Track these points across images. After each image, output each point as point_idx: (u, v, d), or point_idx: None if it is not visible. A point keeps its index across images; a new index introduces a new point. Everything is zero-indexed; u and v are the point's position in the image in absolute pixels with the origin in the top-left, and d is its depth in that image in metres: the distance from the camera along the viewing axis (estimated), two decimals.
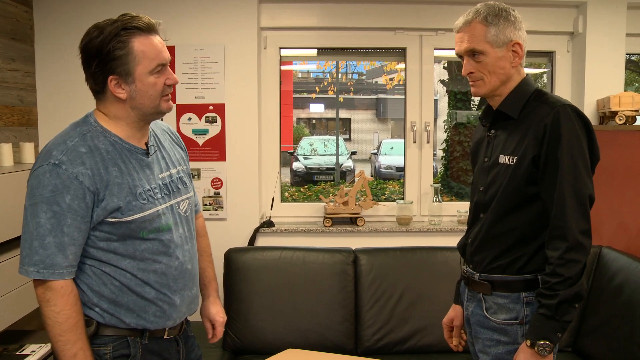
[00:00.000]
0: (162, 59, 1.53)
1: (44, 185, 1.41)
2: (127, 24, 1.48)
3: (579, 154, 1.55)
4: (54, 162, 1.42)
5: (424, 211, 3.43)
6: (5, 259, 2.36)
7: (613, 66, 3.20)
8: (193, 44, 3.15)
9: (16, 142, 2.90)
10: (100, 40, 1.47)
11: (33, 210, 1.42)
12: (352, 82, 15.99)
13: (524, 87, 1.70)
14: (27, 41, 3.09)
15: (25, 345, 2.66)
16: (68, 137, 1.48)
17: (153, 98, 1.53)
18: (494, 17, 1.64)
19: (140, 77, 1.49)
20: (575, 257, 1.51)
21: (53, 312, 1.43)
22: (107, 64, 1.47)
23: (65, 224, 1.42)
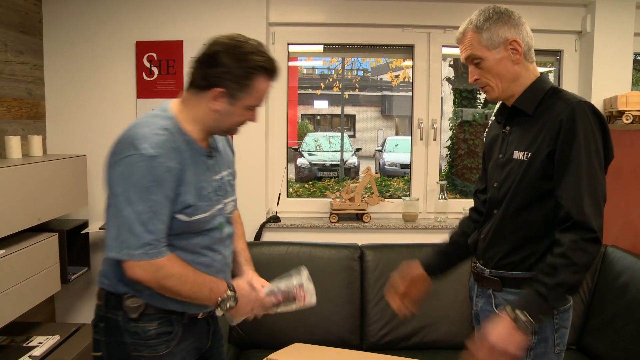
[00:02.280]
0: (261, 103, 1.64)
1: (141, 175, 1.46)
2: (266, 65, 1.57)
3: (594, 152, 1.54)
4: (149, 154, 1.47)
5: (429, 208, 3.44)
6: (13, 251, 2.37)
7: (621, 66, 3.20)
8: (202, 39, 3.12)
9: (24, 135, 2.91)
10: (236, 58, 1.54)
11: (129, 198, 1.46)
12: (357, 78, 15.96)
13: (539, 84, 1.70)
14: (36, 34, 3.10)
15: (32, 337, 2.68)
16: (153, 129, 1.52)
17: (232, 123, 1.65)
18: (484, 22, 1.66)
19: (239, 106, 1.59)
20: (589, 248, 1.50)
21: (175, 280, 1.53)
22: (227, 79, 1.54)
23: (160, 211, 1.50)
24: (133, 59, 3.17)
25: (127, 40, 3.17)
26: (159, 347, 1.61)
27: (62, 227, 2.82)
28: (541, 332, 1.63)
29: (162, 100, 3.13)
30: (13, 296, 2.35)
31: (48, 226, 2.75)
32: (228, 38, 1.58)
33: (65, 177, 2.81)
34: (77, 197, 2.93)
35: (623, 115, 2.95)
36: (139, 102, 3.18)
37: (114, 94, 3.20)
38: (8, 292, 2.31)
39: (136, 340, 1.60)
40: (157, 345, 1.61)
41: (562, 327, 1.65)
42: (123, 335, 1.61)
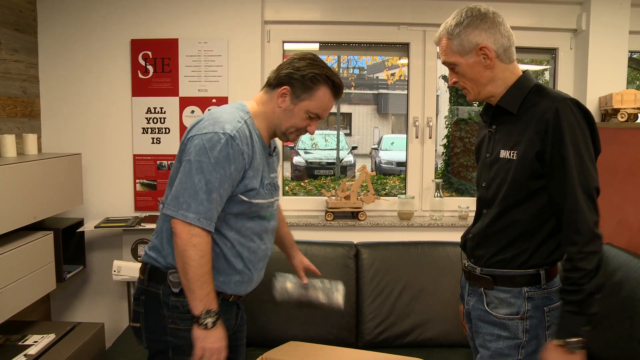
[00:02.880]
0: (320, 114, 1.81)
1: (219, 150, 1.65)
2: (332, 78, 1.78)
3: (584, 148, 1.55)
4: (230, 134, 1.67)
5: (425, 206, 3.44)
6: (8, 249, 2.36)
7: (616, 64, 3.20)
8: (197, 37, 3.15)
9: (19, 134, 2.90)
10: (308, 64, 1.77)
11: (202, 167, 1.64)
12: (353, 77, 15.95)
13: (522, 82, 1.69)
14: (31, 32, 3.09)
15: (27, 336, 2.67)
16: (235, 117, 1.73)
17: (290, 125, 1.82)
18: (455, 27, 1.67)
19: (300, 108, 1.79)
20: (593, 248, 1.51)
21: (198, 255, 1.64)
22: (295, 78, 1.76)
23: (223, 187, 1.67)
24: (128, 57, 3.17)
25: (122, 38, 3.16)
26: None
27: (58, 225, 2.81)
28: (532, 329, 1.65)
29: (158, 99, 3.15)
30: (8, 295, 2.35)
31: (43, 225, 2.74)
32: (309, 54, 1.81)
33: (61, 175, 2.80)
34: (73, 195, 2.92)
35: (618, 113, 2.96)
36: (134, 101, 3.18)
37: (109, 92, 3.19)
38: (3, 291, 2.31)
39: (174, 313, 1.73)
40: (191, 320, 1.69)
41: (553, 324, 1.66)
42: (162, 308, 1.74)
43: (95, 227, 2.95)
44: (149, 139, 3.20)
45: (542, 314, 1.66)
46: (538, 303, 1.65)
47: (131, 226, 2.93)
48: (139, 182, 3.23)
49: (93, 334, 2.76)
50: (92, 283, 3.28)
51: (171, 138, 3.19)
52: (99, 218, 3.15)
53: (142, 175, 3.23)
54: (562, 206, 1.56)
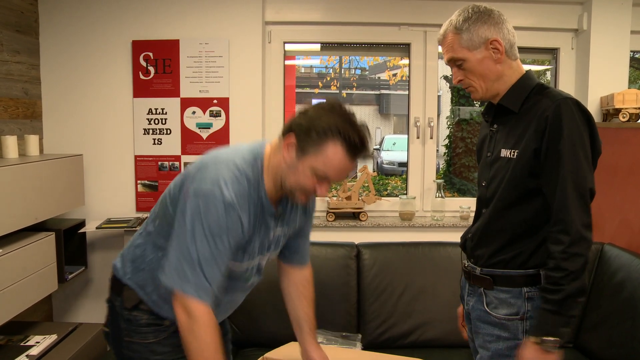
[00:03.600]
0: (329, 175, 1.51)
1: (216, 218, 1.45)
2: (348, 134, 1.46)
3: (580, 147, 1.54)
4: (228, 201, 1.46)
5: (426, 206, 3.44)
6: (10, 250, 2.37)
7: (617, 63, 3.20)
8: (198, 38, 3.16)
9: (21, 135, 2.91)
10: (321, 114, 1.49)
11: (198, 236, 1.45)
12: (355, 77, 15.95)
13: (525, 81, 1.68)
14: (32, 34, 3.10)
15: (29, 337, 2.68)
16: (238, 174, 1.50)
17: (296, 185, 1.54)
18: (463, 22, 1.65)
19: (305, 164, 1.50)
20: (579, 250, 1.50)
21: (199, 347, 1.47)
22: (302, 128, 1.49)
23: (223, 259, 1.49)
24: (129, 58, 3.17)
25: (123, 40, 3.17)
26: (148, 335, 1.66)
27: (59, 226, 2.82)
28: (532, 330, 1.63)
29: (159, 100, 3.16)
30: (10, 295, 2.35)
31: (45, 226, 2.74)
32: (333, 101, 1.53)
33: (62, 176, 2.81)
34: (74, 196, 2.93)
35: (619, 113, 2.96)
36: (136, 101, 3.18)
37: (110, 94, 3.20)
38: (5, 292, 2.31)
39: (129, 326, 1.66)
40: (147, 333, 1.66)
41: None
42: (119, 319, 1.68)
43: (96, 228, 2.95)
44: (150, 140, 3.21)
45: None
46: (538, 303, 1.62)
47: (132, 227, 2.94)
48: (140, 183, 3.24)
49: (95, 334, 2.77)
50: (94, 284, 3.29)
51: (172, 139, 3.20)
52: (101, 219, 3.15)
53: (143, 176, 3.23)
54: (552, 204, 1.55)
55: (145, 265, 1.64)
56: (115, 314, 1.69)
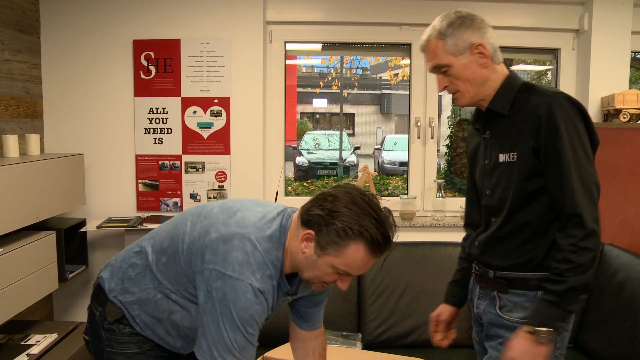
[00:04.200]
0: (354, 273, 1.45)
1: (245, 307, 1.40)
2: (372, 234, 1.36)
3: (579, 143, 1.53)
4: (258, 289, 1.41)
5: (427, 206, 3.44)
6: (11, 249, 2.37)
7: (618, 64, 3.20)
8: (199, 38, 3.16)
9: (22, 134, 2.91)
10: (348, 209, 1.38)
11: (229, 322, 1.40)
12: (356, 77, 15.97)
13: (510, 82, 1.67)
14: (33, 33, 3.10)
15: (30, 335, 2.68)
16: (268, 258, 1.45)
17: (315, 279, 1.48)
18: (447, 28, 1.63)
19: (325, 261, 1.42)
20: (589, 245, 1.49)
21: None
22: (322, 226, 1.40)
23: (254, 341, 1.45)
24: (130, 57, 3.18)
25: (124, 39, 3.17)
26: (130, 346, 1.62)
27: (60, 225, 2.82)
28: None
29: (160, 99, 3.16)
30: (11, 294, 2.36)
31: (46, 225, 2.75)
32: (358, 191, 1.43)
33: (63, 175, 2.81)
34: (75, 195, 2.93)
35: (620, 114, 2.96)
36: (137, 101, 3.18)
37: (111, 93, 3.20)
38: (6, 290, 2.32)
39: (110, 336, 1.62)
40: (129, 344, 1.62)
41: (564, 330, 1.60)
42: (99, 329, 1.63)
43: (97, 227, 2.96)
44: (151, 139, 3.21)
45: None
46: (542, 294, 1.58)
47: (133, 226, 2.94)
48: (141, 182, 3.24)
49: None
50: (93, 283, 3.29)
51: (173, 138, 3.20)
52: (101, 218, 3.16)
53: (144, 175, 3.23)
54: (561, 202, 1.53)
55: (137, 290, 1.59)
56: (95, 324, 1.64)
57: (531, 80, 14.28)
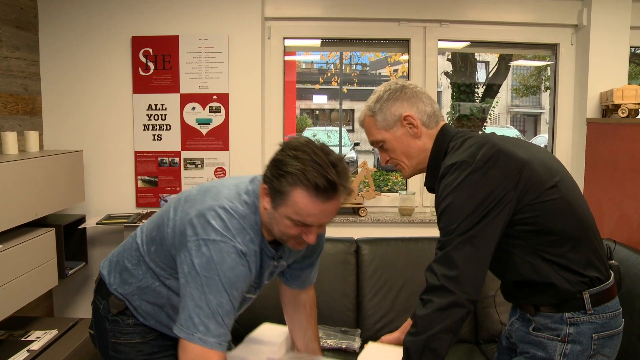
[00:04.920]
0: (309, 222, 1.44)
1: (231, 267, 1.42)
2: (305, 176, 1.37)
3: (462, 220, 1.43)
4: (241, 250, 1.44)
5: (426, 202, 3.45)
6: (11, 246, 2.37)
7: (617, 59, 3.20)
8: (197, 34, 3.16)
9: (20, 131, 2.91)
10: (284, 162, 1.41)
11: (214, 285, 1.40)
12: (355, 73, 15.95)
13: (434, 155, 1.61)
14: (32, 29, 3.10)
15: (30, 332, 2.69)
16: (245, 222, 1.48)
17: (282, 234, 1.49)
18: (375, 104, 1.63)
19: (280, 214, 1.44)
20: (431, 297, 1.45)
21: None
22: (268, 178, 1.44)
23: (236, 306, 1.46)
24: (129, 54, 3.17)
25: (123, 35, 3.17)
26: (134, 336, 1.67)
27: (59, 222, 2.82)
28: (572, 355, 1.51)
29: (159, 96, 3.16)
30: (11, 291, 2.36)
31: (45, 221, 2.75)
32: (299, 139, 1.46)
33: (62, 172, 2.81)
34: (74, 192, 2.94)
35: (619, 109, 2.96)
36: (135, 97, 3.18)
37: (110, 89, 3.20)
38: (6, 287, 2.32)
39: (114, 327, 1.67)
40: (133, 334, 1.66)
41: (600, 353, 1.53)
42: (104, 321, 1.68)
43: (97, 224, 2.96)
44: (150, 136, 3.21)
45: (589, 341, 1.51)
46: (584, 329, 1.51)
47: (132, 223, 2.94)
48: (140, 178, 3.24)
49: None
50: (94, 279, 3.29)
51: (172, 135, 3.20)
52: (101, 215, 3.16)
53: (143, 171, 3.24)
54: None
55: (134, 280, 1.64)
56: (100, 316, 1.69)
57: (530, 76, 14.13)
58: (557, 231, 1.47)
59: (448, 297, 1.40)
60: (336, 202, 1.43)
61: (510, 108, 17.89)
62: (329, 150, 1.45)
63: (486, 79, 10.05)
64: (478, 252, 1.41)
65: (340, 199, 1.43)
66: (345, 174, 1.42)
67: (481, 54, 10.63)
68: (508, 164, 1.44)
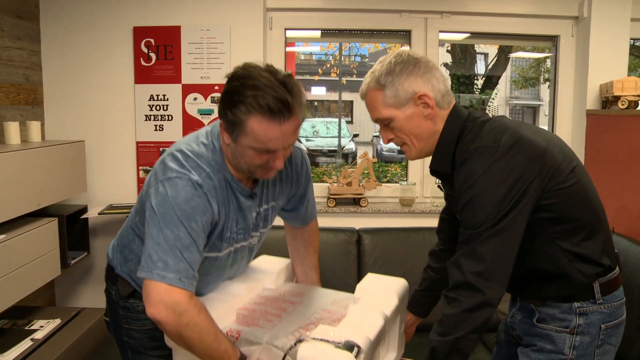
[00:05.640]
0: (271, 147, 1.40)
1: (185, 199, 1.39)
2: (258, 100, 1.33)
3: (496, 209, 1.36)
4: (197, 181, 1.41)
5: (426, 193, 3.46)
6: (14, 236, 2.39)
7: (617, 51, 3.21)
8: (199, 25, 3.16)
9: (22, 121, 2.92)
10: (233, 90, 1.37)
11: (170, 218, 1.38)
12: (355, 64, 15.91)
13: (445, 138, 1.50)
14: (33, 19, 3.10)
15: (33, 321, 2.71)
16: (202, 160, 1.46)
17: (248, 165, 1.46)
18: (387, 76, 1.46)
19: (241, 145, 1.41)
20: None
21: (197, 334, 1.39)
22: (224, 111, 1.40)
23: (198, 241, 1.42)
24: (131, 44, 3.17)
25: (124, 26, 3.17)
26: (146, 322, 1.65)
27: (62, 212, 2.84)
28: (581, 347, 1.47)
29: (160, 86, 3.16)
30: (14, 280, 2.38)
31: (47, 211, 2.76)
32: (242, 66, 1.42)
33: (64, 162, 2.82)
34: (76, 182, 2.95)
35: (619, 101, 2.97)
36: (137, 88, 3.19)
37: (111, 80, 3.20)
38: (9, 277, 2.34)
39: (127, 313, 1.68)
40: (145, 320, 1.64)
41: (607, 343, 1.50)
42: (116, 307, 1.70)
43: (99, 214, 2.97)
44: (151, 126, 3.22)
45: (597, 331, 1.47)
46: (593, 319, 1.47)
47: None
48: (142, 168, 3.25)
49: (98, 319, 2.79)
50: (96, 269, 3.32)
51: (174, 125, 3.21)
52: (102, 205, 3.17)
53: (145, 162, 3.25)
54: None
55: (133, 255, 1.65)
56: (113, 302, 1.71)
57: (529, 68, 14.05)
58: (573, 219, 1.43)
59: (477, 297, 1.35)
60: (294, 121, 1.39)
61: (509, 100, 17.88)
62: (275, 69, 1.40)
63: (486, 71, 10.06)
64: (506, 245, 1.36)
65: (297, 116, 1.40)
66: (296, 90, 1.38)
67: (480, 46, 10.62)
68: (531, 150, 1.38)
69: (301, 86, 1.41)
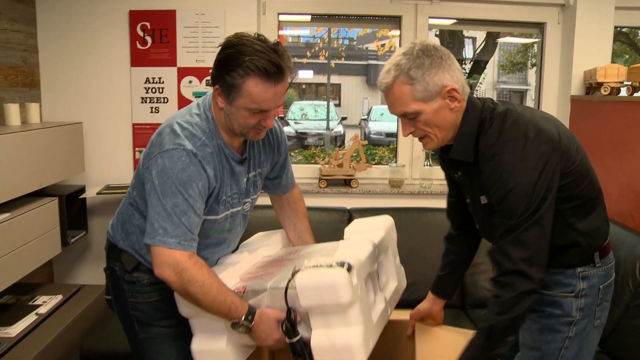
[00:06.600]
0: (265, 107, 1.56)
1: (182, 169, 1.52)
2: (256, 63, 1.48)
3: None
4: (191, 150, 1.54)
5: (415, 174, 3.56)
6: (16, 215, 2.46)
7: (601, 38, 3.29)
8: (194, 9, 3.21)
9: (21, 103, 2.97)
10: (229, 56, 1.51)
11: (169, 187, 1.51)
12: (342, 47, 15.91)
13: (466, 125, 1.54)
14: (29, 2, 3.13)
15: (36, 297, 2.79)
16: (196, 129, 1.59)
17: (242, 126, 1.60)
18: (416, 70, 1.46)
19: (236, 107, 1.56)
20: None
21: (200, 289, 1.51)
22: (218, 76, 1.55)
23: (196, 206, 1.54)
24: (127, 27, 3.22)
25: (120, 9, 3.21)
26: (152, 294, 1.74)
27: (60, 192, 2.90)
28: (586, 308, 1.57)
29: (156, 69, 3.20)
30: (17, 258, 2.45)
31: (46, 192, 2.82)
32: (235, 36, 1.55)
33: (63, 143, 2.88)
34: (75, 163, 3.01)
35: (602, 87, 3.07)
36: (133, 71, 3.24)
37: (107, 63, 3.25)
38: (12, 254, 2.41)
39: (132, 287, 1.75)
40: (150, 292, 1.74)
41: (604, 300, 1.61)
42: (121, 282, 1.76)
43: (97, 194, 3.04)
44: (147, 109, 3.28)
45: (597, 292, 1.58)
46: (594, 282, 1.57)
47: None
48: (138, 150, 3.32)
49: (98, 295, 2.88)
50: (94, 248, 3.39)
51: (169, 107, 3.27)
52: (100, 185, 3.24)
53: (141, 143, 3.31)
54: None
55: (134, 229, 1.72)
56: (117, 278, 1.77)
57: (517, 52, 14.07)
58: (581, 195, 1.54)
59: (528, 284, 1.43)
60: (285, 84, 1.56)
61: (496, 84, 18.00)
62: (265, 37, 1.55)
63: (473, 55, 10.12)
64: (545, 229, 1.45)
65: (287, 80, 1.56)
66: (286, 56, 1.54)
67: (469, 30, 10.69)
68: (550, 139, 1.46)
69: (289, 52, 1.57)
